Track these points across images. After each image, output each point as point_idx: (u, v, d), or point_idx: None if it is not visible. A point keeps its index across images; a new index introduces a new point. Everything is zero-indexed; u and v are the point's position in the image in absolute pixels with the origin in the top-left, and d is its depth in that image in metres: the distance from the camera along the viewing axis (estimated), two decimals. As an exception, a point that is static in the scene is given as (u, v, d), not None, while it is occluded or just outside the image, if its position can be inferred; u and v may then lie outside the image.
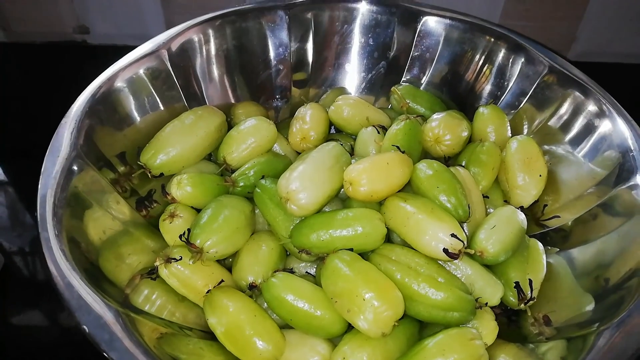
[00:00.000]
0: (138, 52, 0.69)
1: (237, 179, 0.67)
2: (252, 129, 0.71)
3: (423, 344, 0.52)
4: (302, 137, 0.73)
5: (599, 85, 0.69)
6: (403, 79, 0.86)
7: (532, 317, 0.60)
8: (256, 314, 0.55)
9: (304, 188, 0.58)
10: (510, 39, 0.77)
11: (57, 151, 0.57)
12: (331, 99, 0.82)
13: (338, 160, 0.63)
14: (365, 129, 0.72)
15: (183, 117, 0.70)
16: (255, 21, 0.80)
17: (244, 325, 0.53)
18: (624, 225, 0.59)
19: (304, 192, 0.58)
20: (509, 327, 0.62)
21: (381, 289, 0.52)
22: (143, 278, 0.58)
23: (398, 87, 0.82)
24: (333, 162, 0.62)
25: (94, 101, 0.63)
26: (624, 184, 0.62)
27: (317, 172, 0.60)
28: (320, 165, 0.61)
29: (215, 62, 0.79)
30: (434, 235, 0.56)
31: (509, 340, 0.57)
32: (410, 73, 0.85)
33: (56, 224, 0.51)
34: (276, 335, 0.54)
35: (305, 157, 0.63)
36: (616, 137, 0.65)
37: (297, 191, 0.58)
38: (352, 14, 0.83)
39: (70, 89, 0.65)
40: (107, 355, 0.44)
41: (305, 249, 0.59)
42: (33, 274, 0.75)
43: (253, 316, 0.54)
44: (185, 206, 0.65)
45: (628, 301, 0.50)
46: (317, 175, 0.60)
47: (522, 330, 0.60)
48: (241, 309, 0.54)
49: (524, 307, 0.58)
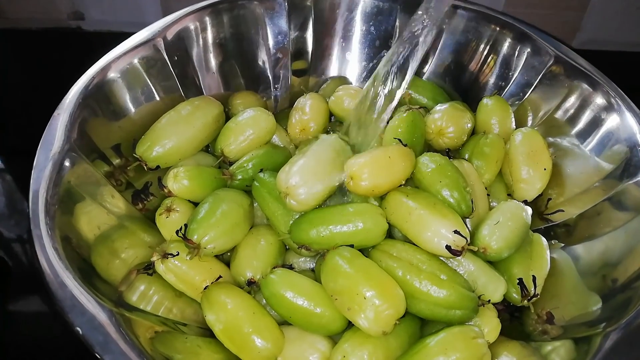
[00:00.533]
0: (132, 41, 0.68)
1: (235, 172, 0.65)
2: (250, 120, 0.69)
3: (425, 342, 0.52)
4: (302, 128, 0.72)
5: (606, 76, 0.68)
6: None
7: (536, 314, 0.59)
8: (255, 311, 0.54)
9: (304, 183, 0.57)
10: (516, 27, 0.75)
11: (50, 145, 0.55)
12: (331, 88, 0.81)
13: (339, 154, 0.62)
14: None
15: (179, 108, 0.68)
16: (254, 8, 0.78)
17: (242, 322, 0.52)
18: (632, 222, 0.58)
19: (304, 187, 0.57)
20: (512, 324, 0.61)
21: (382, 287, 0.51)
22: (139, 274, 0.57)
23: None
24: (334, 155, 0.61)
25: (87, 92, 0.61)
26: (632, 178, 0.61)
27: (318, 166, 0.59)
28: (321, 159, 0.60)
29: (213, 50, 0.77)
30: (437, 231, 0.55)
31: (511, 338, 0.57)
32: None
33: (49, 221, 0.49)
34: (275, 332, 0.54)
35: (306, 151, 0.61)
36: (624, 130, 0.64)
37: (297, 186, 0.57)
38: (353, 1, 0.81)
39: (65, 76, 0.63)
40: (101, 358, 0.43)
41: (305, 244, 0.58)
42: (31, 262, 0.74)
43: (252, 313, 0.53)
44: (182, 200, 0.63)
45: (636, 302, 0.50)
46: (318, 170, 0.59)
47: (525, 328, 0.60)
48: (239, 306, 0.54)
49: (527, 303, 0.58)
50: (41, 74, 0.99)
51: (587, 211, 0.64)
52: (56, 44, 1.06)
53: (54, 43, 1.06)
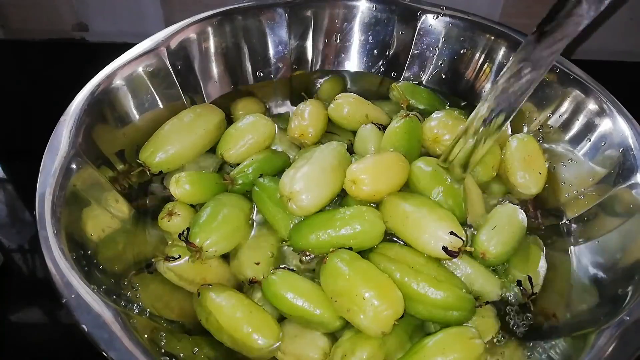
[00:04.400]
0: (137, 50, 0.69)
1: (235, 176, 0.67)
2: (249, 126, 0.71)
3: (423, 343, 0.52)
4: (301, 133, 0.73)
5: (599, 83, 0.69)
6: (403, 77, 0.85)
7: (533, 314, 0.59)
8: (248, 309, 0.55)
9: (307, 189, 0.58)
10: (511, 37, 0.77)
11: (56, 149, 0.56)
12: (326, 88, 0.83)
13: (340, 162, 0.63)
14: (365, 126, 0.72)
15: (182, 115, 0.70)
16: (255, 19, 0.80)
17: (238, 322, 0.53)
18: (625, 224, 0.59)
19: (307, 193, 0.58)
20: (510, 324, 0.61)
21: (381, 288, 0.52)
22: (140, 272, 0.58)
23: (398, 84, 0.82)
24: (336, 163, 0.62)
25: (92, 99, 0.63)
26: (625, 182, 0.62)
27: (322, 173, 0.60)
28: (324, 166, 0.61)
29: (215, 59, 0.79)
30: (433, 233, 0.56)
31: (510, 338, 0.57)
32: (410, 71, 0.85)
33: (55, 222, 0.50)
34: (271, 325, 0.54)
35: (309, 157, 0.62)
36: (617, 135, 0.65)
37: (300, 192, 0.58)
38: (352, 11, 0.83)
39: (68, 86, 0.65)
40: (106, 354, 0.43)
41: (305, 250, 0.58)
42: (32, 272, 0.74)
43: (249, 312, 0.54)
44: (183, 204, 0.65)
45: (629, 301, 0.50)
46: (321, 177, 0.60)
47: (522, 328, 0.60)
48: (232, 307, 0.54)
49: (526, 301, 0.58)
50: (45, 84, 1.00)
51: (582, 215, 0.65)
52: (60, 54, 1.07)
53: (58, 54, 1.07)
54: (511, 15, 1.01)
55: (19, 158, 0.90)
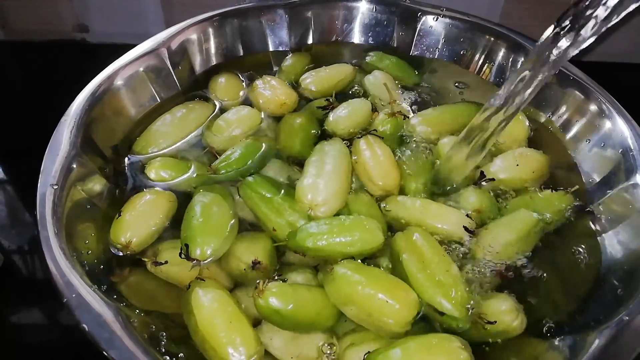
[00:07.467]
0: (138, 51, 0.70)
1: (218, 167, 0.65)
2: (236, 116, 0.72)
3: (406, 343, 0.51)
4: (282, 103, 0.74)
5: (598, 84, 0.69)
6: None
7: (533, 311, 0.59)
8: (232, 319, 0.51)
9: (325, 203, 0.59)
10: (510, 38, 0.77)
11: (57, 149, 0.57)
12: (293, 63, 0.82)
13: (348, 164, 0.65)
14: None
15: (174, 110, 0.71)
16: (255, 20, 0.80)
17: (215, 328, 0.50)
18: (624, 224, 0.59)
19: (326, 205, 0.59)
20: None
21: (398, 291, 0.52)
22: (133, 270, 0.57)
23: (370, 55, 0.83)
24: (349, 168, 0.65)
25: (93, 99, 0.63)
26: (624, 183, 0.62)
27: (341, 185, 0.62)
28: (342, 178, 0.62)
29: (215, 60, 0.79)
30: (454, 215, 0.60)
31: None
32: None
33: (55, 222, 0.51)
34: (249, 340, 0.50)
35: (324, 163, 0.63)
36: (616, 136, 0.65)
37: (320, 205, 0.59)
38: (352, 12, 0.84)
39: (69, 87, 0.65)
40: (106, 353, 0.43)
41: (301, 251, 0.58)
42: (32, 272, 0.74)
43: (229, 321, 0.51)
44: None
45: (628, 300, 0.50)
46: (340, 189, 0.61)
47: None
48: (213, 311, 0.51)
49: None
50: (45, 85, 1.00)
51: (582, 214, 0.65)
52: (61, 55, 1.07)
53: (59, 55, 1.07)
54: (511, 16, 1.01)
55: (19, 159, 0.90)
